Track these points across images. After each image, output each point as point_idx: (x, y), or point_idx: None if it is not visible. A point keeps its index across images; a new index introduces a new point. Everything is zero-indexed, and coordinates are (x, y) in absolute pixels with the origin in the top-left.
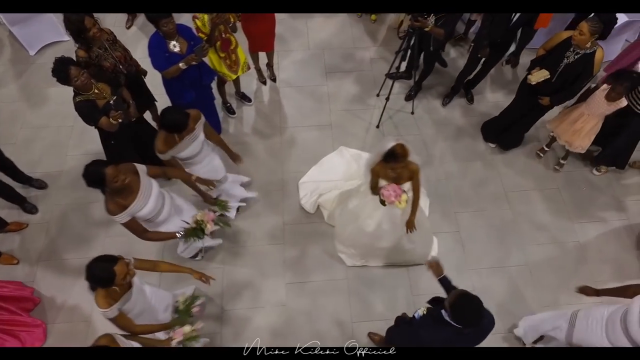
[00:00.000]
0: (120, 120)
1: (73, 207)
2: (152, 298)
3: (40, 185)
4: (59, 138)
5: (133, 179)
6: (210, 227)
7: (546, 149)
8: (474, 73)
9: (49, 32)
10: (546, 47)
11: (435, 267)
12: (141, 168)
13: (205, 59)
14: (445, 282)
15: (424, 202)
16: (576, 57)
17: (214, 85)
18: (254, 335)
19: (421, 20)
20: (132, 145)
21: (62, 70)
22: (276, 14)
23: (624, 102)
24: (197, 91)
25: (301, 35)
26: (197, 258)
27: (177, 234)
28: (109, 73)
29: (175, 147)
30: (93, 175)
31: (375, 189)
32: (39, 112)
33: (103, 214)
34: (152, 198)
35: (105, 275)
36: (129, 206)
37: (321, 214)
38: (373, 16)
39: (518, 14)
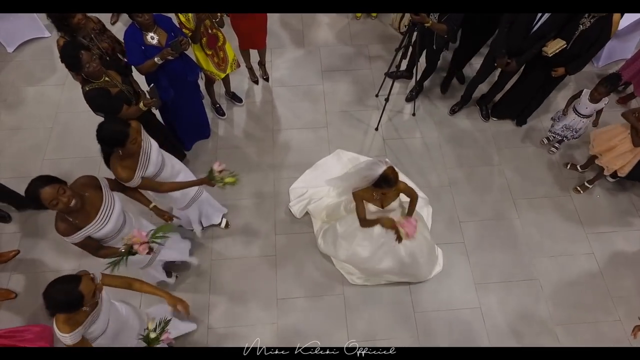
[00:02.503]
0: (154, 108)
1: (49, 214)
2: (129, 317)
3: None
4: (37, 141)
5: (93, 196)
6: (142, 250)
7: (580, 170)
8: (482, 86)
9: (28, 28)
10: None
11: None
12: (104, 183)
13: (192, 55)
14: None
15: (426, 212)
16: (592, 20)
17: (201, 84)
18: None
19: (421, 14)
20: None
21: (73, 55)
22: None
23: None
24: (182, 89)
25: (296, 32)
26: (169, 278)
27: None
28: (114, 61)
29: (137, 169)
30: (29, 195)
31: (365, 220)
32: (16, 113)
33: None
34: (113, 217)
35: (72, 299)
36: (84, 228)
37: (311, 221)
38: (373, 13)
39: (540, 22)
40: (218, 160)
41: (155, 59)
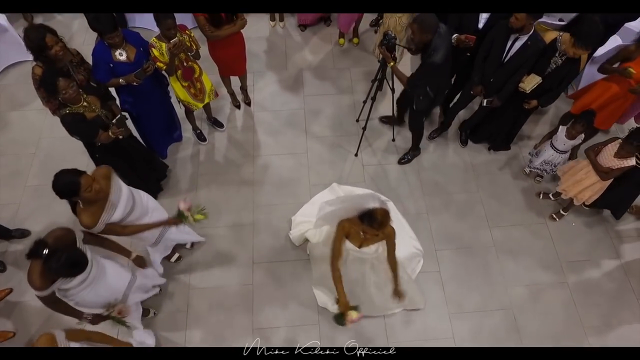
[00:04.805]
0: (120, 137)
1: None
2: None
3: (22, 233)
4: (19, 167)
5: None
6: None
7: (552, 198)
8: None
9: (13, 51)
10: None
11: None
12: (79, 235)
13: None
14: None
15: (414, 265)
16: (563, 59)
17: (182, 111)
18: None
19: (383, 51)
20: (118, 160)
21: (50, 82)
22: (253, 34)
23: (631, 161)
24: (151, 98)
25: (279, 55)
26: (149, 316)
27: (84, 316)
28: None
29: (102, 215)
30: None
31: (338, 250)
32: None
33: None
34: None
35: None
36: (56, 280)
37: (295, 252)
38: (355, 39)
39: (510, 55)
40: (183, 199)
41: (120, 80)
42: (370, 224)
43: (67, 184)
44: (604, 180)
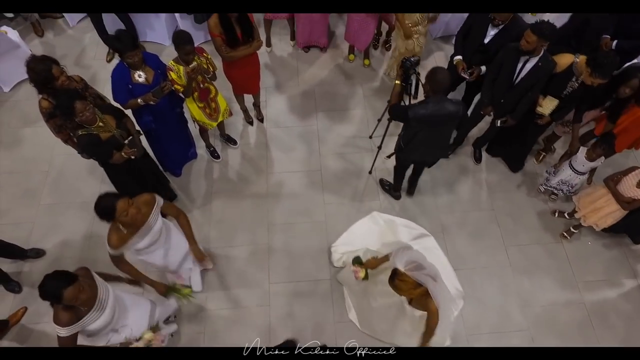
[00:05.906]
0: (133, 157)
1: (46, 267)
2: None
3: (37, 253)
4: (32, 185)
5: (89, 284)
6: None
7: (567, 217)
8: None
9: (25, 67)
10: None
11: None
12: (94, 274)
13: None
14: None
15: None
16: (578, 82)
17: (195, 129)
18: None
19: (399, 68)
20: (129, 178)
21: (67, 105)
22: (262, 49)
23: None
24: (167, 119)
25: (291, 71)
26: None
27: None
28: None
29: (129, 241)
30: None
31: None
32: (11, 155)
33: None
34: (109, 305)
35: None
36: (84, 317)
37: (312, 273)
38: (366, 61)
39: (521, 77)
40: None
41: (139, 100)
42: (389, 278)
43: (104, 208)
44: (626, 210)
